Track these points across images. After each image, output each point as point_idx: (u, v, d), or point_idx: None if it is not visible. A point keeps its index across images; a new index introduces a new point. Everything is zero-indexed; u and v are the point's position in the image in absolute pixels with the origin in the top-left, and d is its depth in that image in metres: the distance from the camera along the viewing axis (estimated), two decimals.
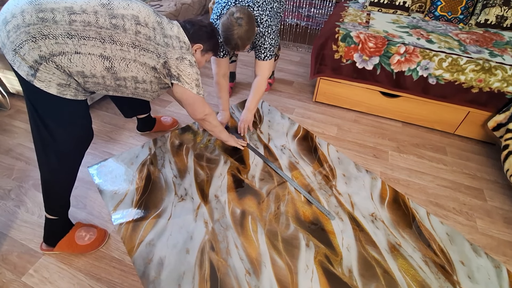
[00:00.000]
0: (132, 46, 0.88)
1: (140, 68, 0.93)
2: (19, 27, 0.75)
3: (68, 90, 0.86)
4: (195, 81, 1.07)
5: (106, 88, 0.95)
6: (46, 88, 0.81)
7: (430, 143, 1.71)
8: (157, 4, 2.29)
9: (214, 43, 1.18)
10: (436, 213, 1.29)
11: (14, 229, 1.13)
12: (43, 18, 0.76)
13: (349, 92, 1.86)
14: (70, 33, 0.79)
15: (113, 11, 0.85)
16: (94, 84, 0.90)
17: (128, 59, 0.89)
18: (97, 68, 0.86)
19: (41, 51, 0.77)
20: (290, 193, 1.31)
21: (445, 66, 1.55)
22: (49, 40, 0.77)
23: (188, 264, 1.03)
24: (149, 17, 0.92)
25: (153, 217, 1.18)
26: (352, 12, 2.03)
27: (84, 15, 0.80)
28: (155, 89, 1.06)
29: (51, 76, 0.81)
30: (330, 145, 1.61)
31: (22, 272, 1.00)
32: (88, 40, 0.81)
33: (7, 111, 1.75)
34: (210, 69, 2.38)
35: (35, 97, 0.84)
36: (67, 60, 0.80)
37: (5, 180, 1.32)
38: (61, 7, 0.78)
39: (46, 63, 0.78)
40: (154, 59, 0.95)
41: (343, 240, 1.13)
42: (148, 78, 0.98)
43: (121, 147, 1.54)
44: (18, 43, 0.76)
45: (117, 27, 0.85)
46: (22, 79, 0.81)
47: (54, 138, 0.90)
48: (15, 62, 0.79)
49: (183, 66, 1.02)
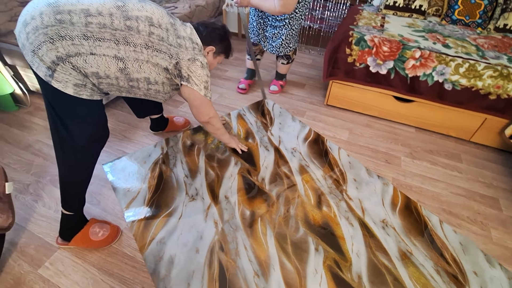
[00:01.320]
0: (145, 47, 0.90)
1: (153, 69, 0.95)
2: (37, 29, 0.78)
3: (84, 90, 0.88)
4: (204, 83, 1.09)
5: (119, 89, 0.97)
6: (63, 88, 0.84)
7: (444, 149, 1.68)
8: (172, 6, 2.33)
9: (226, 45, 1.20)
10: (449, 221, 1.26)
11: (31, 222, 1.17)
12: (61, 19, 0.78)
13: (362, 96, 1.84)
14: (86, 35, 0.81)
15: (128, 13, 0.86)
16: (108, 85, 0.93)
17: (141, 60, 0.91)
18: (111, 69, 0.88)
19: (58, 52, 0.79)
20: (300, 196, 1.31)
21: (462, 71, 1.52)
22: (66, 41, 0.79)
23: (197, 263, 1.04)
24: (163, 19, 0.94)
25: (164, 215, 1.20)
26: (367, 15, 2.02)
27: (100, 17, 0.82)
28: (166, 90, 1.08)
29: (68, 76, 0.83)
30: (341, 149, 1.60)
31: (38, 264, 1.03)
32: (103, 41, 0.83)
33: (27, 108, 1.82)
34: (222, 70, 2.41)
35: (53, 97, 0.87)
36: (82, 61, 0.83)
37: (24, 175, 1.37)
38: (78, 9, 0.80)
39: (63, 63, 0.81)
40: (166, 59, 0.96)
41: (352, 245, 1.13)
42: (160, 79, 1.00)
43: (135, 145, 1.57)
44: (37, 44, 0.78)
45: (131, 29, 0.87)
46: (40, 79, 0.84)
47: (71, 136, 0.93)
48: (33, 63, 0.82)
49: (194, 67, 1.03)
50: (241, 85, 2.10)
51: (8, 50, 1.65)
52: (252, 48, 1.84)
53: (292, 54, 1.94)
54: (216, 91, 2.10)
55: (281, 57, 1.96)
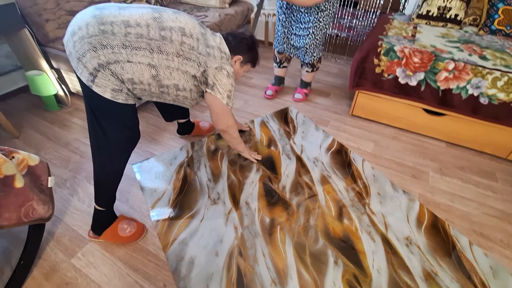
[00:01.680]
0: (177, 56, 0.96)
1: (182, 76, 1.01)
2: (83, 38, 0.86)
3: (120, 95, 0.96)
4: (227, 92, 1.13)
5: (151, 95, 1.04)
6: (102, 92, 0.92)
7: (477, 167, 1.58)
8: (202, 14, 2.42)
9: (253, 55, 1.24)
10: (479, 243, 1.19)
11: (67, 215, 1.26)
12: (104, 30, 0.86)
13: (389, 107, 1.80)
14: (124, 44, 0.88)
15: (163, 24, 0.93)
16: (141, 90, 1.00)
17: (172, 67, 0.97)
18: (144, 76, 0.95)
19: (100, 60, 0.87)
20: (320, 207, 1.30)
21: (500, 85, 1.44)
22: (107, 49, 0.87)
23: (216, 266, 1.07)
24: (194, 29, 1.00)
25: (187, 217, 1.24)
26: (397, 24, 1.97)
27: (138, 28, 0.89)
28: (194, 97, 1.13)
29: (107, 82, 0.91)
30: (366, 161, 1.56)
31: (71, 254, 1.11)
32: (139, 50, 0.90)
33: (67, 109, 1.97)
34: (248, 77, 2.46)
35: (93, 100, 0.95)
36: (120, 68, 0.90)
37: (62, 170, 1.48)
38: (119, 21, 0.88)
39: (103, 70, 0.88)
40: (195, 67, 1.01)
41: (373, 261, 1.10)
42: (188, 86, 1.06)
43: (162, 148, 1.65)
44: (82, 52, 0.87)
45: (165, 38, 0.93)
46: (83, 84, 0.93)
47: (107, 137, 1.00)
48: (78, 69, 0.90)
49: (220, 75, 1.08)
50: (268, 91, 2.15)
51: (54, 55, 1.81)
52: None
53: (316, 62, 1.94)
54: (241, 98, 2.15)
55: (305, 65, 1.98)
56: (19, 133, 1.72)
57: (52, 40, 1.87)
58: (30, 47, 1.68)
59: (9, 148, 0.93)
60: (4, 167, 0.85)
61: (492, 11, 1.88)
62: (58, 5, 1.86)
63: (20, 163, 0.94)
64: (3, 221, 0.88)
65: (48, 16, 1.82)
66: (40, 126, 1.80)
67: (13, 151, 0.93)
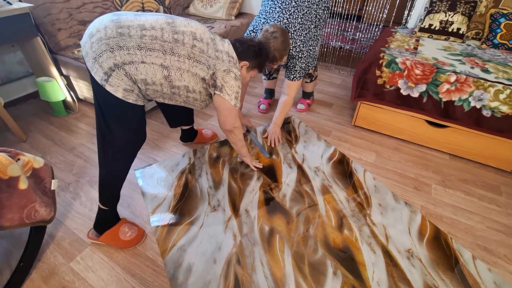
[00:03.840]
0: (188, 58, 1.00)
1: (192, 78, 1.05)
2: (101, 39, 0.91)
3: (131, 95, 0.99)
4: (235, 93, 1.16)
5: (162, 96, 1.08)
6: (114, 92, 0.95)
7: (481, 180, 1.56)
8: (209, 26, 2.49)
9: (260, 61, 1.28)
10: (483, 258, 1.16)
11: (69, 218, 1.28)
12: (121, 33, 0.91)
13: (391, 119, 1.80)
14: (140, 46, 0.93)
15: (176, 28, 0.98)
16: (153, 91, 1.03)
17: (183, 69, 1.01)
18: (157, 76, 0.98)
19: (116, 60, 0.91)
20: (320, 217, 1.29)
21: (503, 98, 1.43)
22: (123, 51, 0.91)
23: (214, 274, 1.06)
24: (205, 34, 1.05)
25: (186, 223, 1.24)
26: (400, 37, 2.00)
27: (152, 31, 0.95)
28: (203, 98, 1.16)
29: (120, 81, 0.94)
30: (367, 172, 1.56)
31: (71, 258, 1.12)
32: (153, 51, 0.95)
33: (75, 114, 2.02)
34: (252, 87, 2.49)
35: (104, 98, 0.99)
36: (134, 69, 0.94)
37: (66, 174, 1.51)
38: (135, 24, 0.94)
39: (118, 70, 0.93)
40: (204, 70, 1.05)
41: (373, 273, 1.08)
42: (197, 88, 1.09)
43: (165, 154, 1.67)
44: (99, 52, 0.91)
45: (177, 41, 0.98)
46: (95, 83, 0.96)
47: (113, 136, 1.03)
48: (93, 68, 0.94)
49: (228, 78, 1.11)
50: (261, 106, 2.12)
51: (64, 62, 1.87)
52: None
53: (313, 71, 1.97)
54: (245, 106, 2.17)
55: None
56: (26, 137, 1.76)
57: (63, 48, 1.94)
58: (41, 55, 1.74)
59: (16, 150, 0.95)
60: (10, 168, 0.87)
61: (494, 25, 1.90)
62: (70, 15, 1.94)
63: (25, 165, 0.96)
64: (5, 221, 0.89)
65: (60, 26, 1.89)
66: (47, 130, 1.84)
67: (19, 153, 0.96)
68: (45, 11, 1.80)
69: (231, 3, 2.72)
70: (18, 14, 1.54)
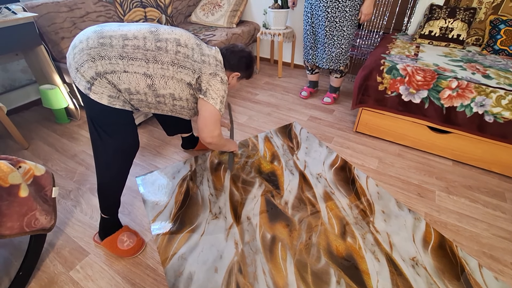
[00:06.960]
0: (171, 64, 1.00)
1: (177, 85, 1.04)
2: (83, 50, 0.92)
3: (117, 101, 0.99)
4: (220, 97, 1.12)
5: (148, 105, 1.07)
6: (98, 99, 0.95)
7: (486, 186, 1.55)
8: (211, 34, 2.52)
9: (250, 72, 1.30)
10: (490, 266, 1.14)
11: (69, 226, 1.27)
12: (103, 43, 0.92)
13: (393, 125, 1.79)
14: (122, 55, 0.93)
15: (159, 36, 0.99)
16: (138, 101, 1.03)
17: (167, 76, 1.00)
18: (140, 85, 0.98)
19: (97, 69, 0.92)
20: (323, 224, 1.27)
21: (505, 103, 1.43)
22: (105, 60, 0.92)
23: (215, 283, 1.04)
24: (189, 40, 1.05)
25: (187, 231, 1.23)
26: (400, 44, 2.01)
27: (135, 40, 0.95)
28: (191, 106, 1.15)
29: (103, 89, 0.95)
30: (370, 178, 1.54)
31: (70, 266, 1.11)
32: (135, 60, 0.95)
33: (77, 121, 2.02)
34: (253, 93, 2.50)
35: (91, 108, 0.99)
36: (117, 78, 0.94)
37: (67, 181, 1.50)
38: (117, 34, 0.95)
39: (100, 78, 0.93)
40: (190, 75, 1.04)
41: (378, 282, 1.06)
42: (184, 95, 1.08)
43: (166, 161, 1.66)
44: (80, 62, 0.92)
45: (160, 49, 0.98)
46: (81, 92, 0.97)
47: (103, 142, 1.02)
48: (76, 78, 0.95)
49: (214, 81, 1.09)
50: (303, 92, 2.41)
51: (66, 70, 1.89)
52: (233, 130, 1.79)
53: (344, 68, 2.13)
54: (246, 113, 2.18)
55: (334, 71, 2.17)
56: (28, 144, 1.77)
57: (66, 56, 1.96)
58: (45, 63, 1.76)
59: (17, 158, 0.95)
60: (11, 176, 0.87)
61: (494, 31, 1.90)
62: (74, 24, 1.96)
63: (26, 172, 0.96)
64: (5, 230, 0.88)
65: (64, 34, 1.92)
66: (49, 138, 1.85)
67: (21, 161, 0.95)
68: (49, 20, 1.83)
69: (232, 12, 2.76)
70: (22, 24, 1.56)
